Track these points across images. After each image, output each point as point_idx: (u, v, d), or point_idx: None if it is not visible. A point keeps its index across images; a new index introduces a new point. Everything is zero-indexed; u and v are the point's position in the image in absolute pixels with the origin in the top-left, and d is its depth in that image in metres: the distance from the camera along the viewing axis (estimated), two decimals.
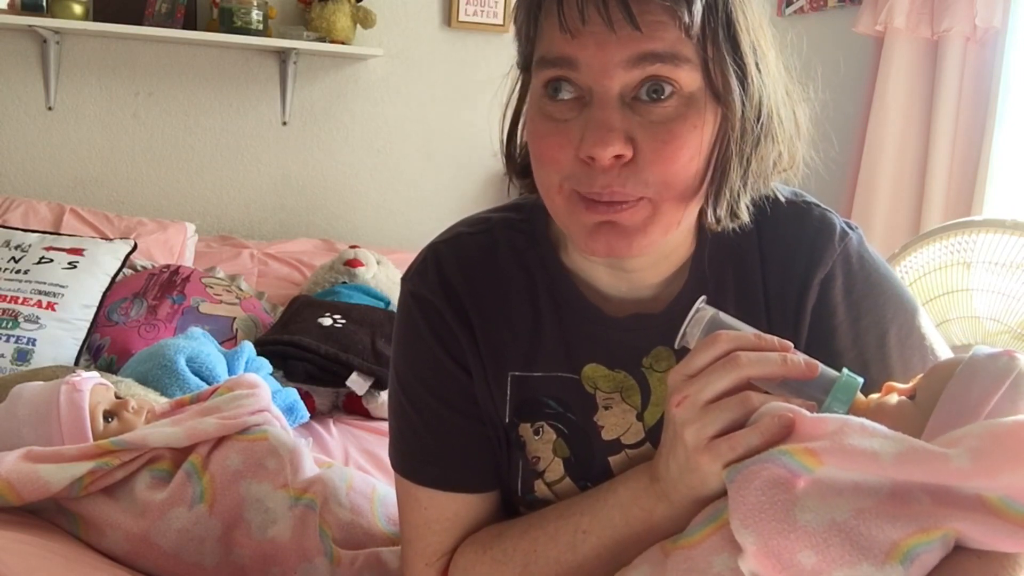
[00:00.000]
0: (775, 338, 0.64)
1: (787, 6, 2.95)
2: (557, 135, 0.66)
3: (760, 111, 0.68)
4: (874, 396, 0.66)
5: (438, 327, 0.80)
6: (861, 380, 0.63)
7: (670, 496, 0.66)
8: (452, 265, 0.81)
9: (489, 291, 0.80)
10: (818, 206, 0.81)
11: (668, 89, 0.64)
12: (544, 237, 0.81)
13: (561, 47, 0.65)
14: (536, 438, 0.79)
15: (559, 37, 0.64)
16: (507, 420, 0.80)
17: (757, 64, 0.67)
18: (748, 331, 0.65)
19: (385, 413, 1.78)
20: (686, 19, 0.62)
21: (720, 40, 0.65)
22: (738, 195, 0.69)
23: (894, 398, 0.64)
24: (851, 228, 0.81)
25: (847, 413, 0.62)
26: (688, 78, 0.64)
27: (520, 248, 0.81)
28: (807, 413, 0.59)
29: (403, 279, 0.85)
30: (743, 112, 0.66)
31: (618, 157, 0.64)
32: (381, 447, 1.62)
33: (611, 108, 0.64)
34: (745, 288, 0.78)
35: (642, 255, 0.72)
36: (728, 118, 0.66)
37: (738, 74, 0.66)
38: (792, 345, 0.64)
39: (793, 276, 0.78)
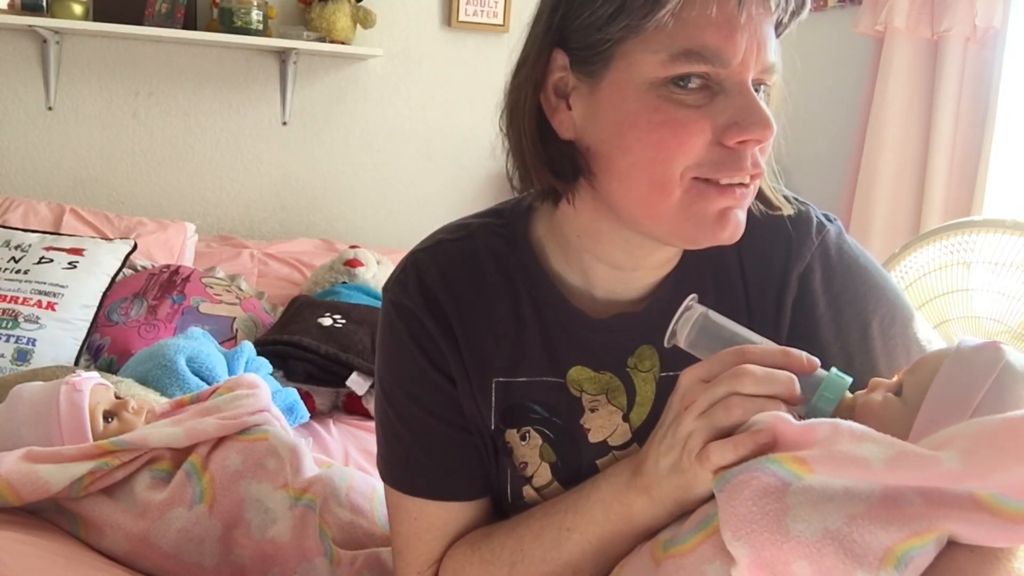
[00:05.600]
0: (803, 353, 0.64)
1: None
2: (694, 122, 0.64)
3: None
4: (860, 393, 0.66)
5: (420, 337, 0.79)
6: (849, 379, 0.63)
7: (651, 491, 0.65)
8: (432, 273, 0.80)
9: (471, 297, 0.79)
10: (795, 199, 0.80)
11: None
12: (525, 241, 0.80)
13: (716, 41, 0.63)
14: (523, 444, 0.79)
15: (710, 30, 0.62)
16: (493, 427, 0.79)
17: None
18: (740, 330, 0.67)
19: None
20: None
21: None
22: None
23: (879, 395, 0.64)
24: (829, 220, 0.80)
25: (834, 411, 0.62)
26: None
27: (501, 253, 0.80)
28: (794, 421, 0.59)
29: (384, 288, 0.83)
30: None
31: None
32: None
33: (753, 94, 0.65)
34: (724, 285, 0.78)
35: None
36: None
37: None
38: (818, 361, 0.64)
39: (772, 272, 0.77)
